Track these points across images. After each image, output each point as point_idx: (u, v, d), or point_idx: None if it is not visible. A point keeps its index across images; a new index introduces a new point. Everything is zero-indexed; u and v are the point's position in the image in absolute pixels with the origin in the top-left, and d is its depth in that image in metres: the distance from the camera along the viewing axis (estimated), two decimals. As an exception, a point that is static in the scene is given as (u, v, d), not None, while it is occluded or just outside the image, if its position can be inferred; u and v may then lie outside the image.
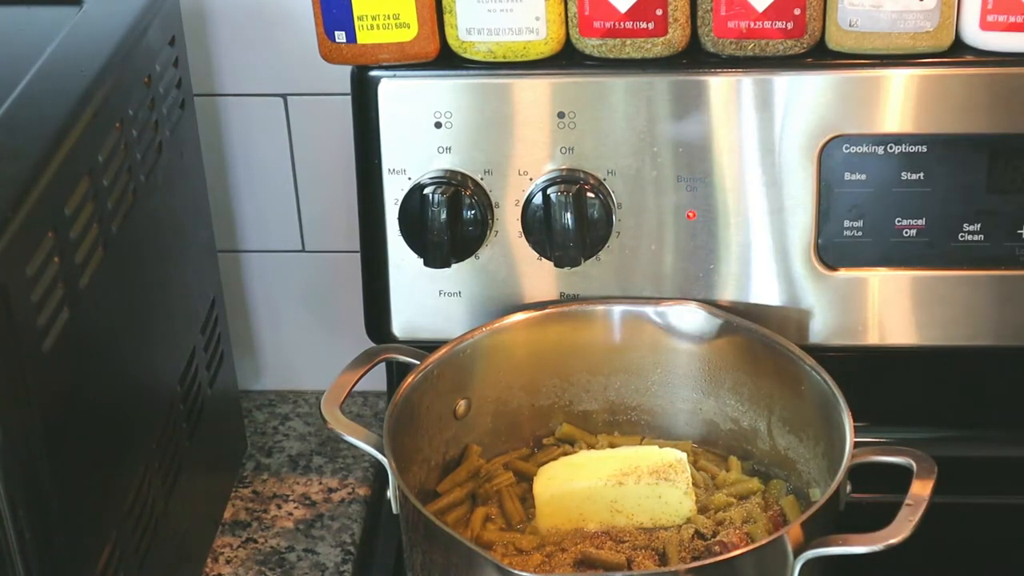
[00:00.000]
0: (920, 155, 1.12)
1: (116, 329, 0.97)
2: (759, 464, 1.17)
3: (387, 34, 1.12)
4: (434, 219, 1.13)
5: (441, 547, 0.99)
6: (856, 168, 1.13)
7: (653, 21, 1.10)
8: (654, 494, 1.08)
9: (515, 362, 1.18)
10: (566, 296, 1.19)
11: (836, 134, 1.12)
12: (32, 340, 0.82)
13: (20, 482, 0.81)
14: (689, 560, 1.04)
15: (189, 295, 1.16)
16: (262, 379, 1.40)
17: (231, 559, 1.18)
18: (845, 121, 1.12)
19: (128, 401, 1.01)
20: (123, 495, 0.98)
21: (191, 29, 1.21)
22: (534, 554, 1.07)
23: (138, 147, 1.01)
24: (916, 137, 1.12)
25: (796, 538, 0.96)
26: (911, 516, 0.96)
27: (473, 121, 1.14)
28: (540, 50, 1.12)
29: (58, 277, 0.85)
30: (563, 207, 1.12)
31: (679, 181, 1.15)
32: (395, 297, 1.20)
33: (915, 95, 1.11)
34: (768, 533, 1.06)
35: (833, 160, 1.13)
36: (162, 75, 1.08)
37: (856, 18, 1.09)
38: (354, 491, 1.26)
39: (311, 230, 1.32)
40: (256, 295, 1.36)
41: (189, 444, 1.13)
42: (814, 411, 1.10)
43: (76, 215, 0.88)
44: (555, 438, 1.21)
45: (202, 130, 1.21)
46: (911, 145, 1.12)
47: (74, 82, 0.93)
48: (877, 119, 1.12)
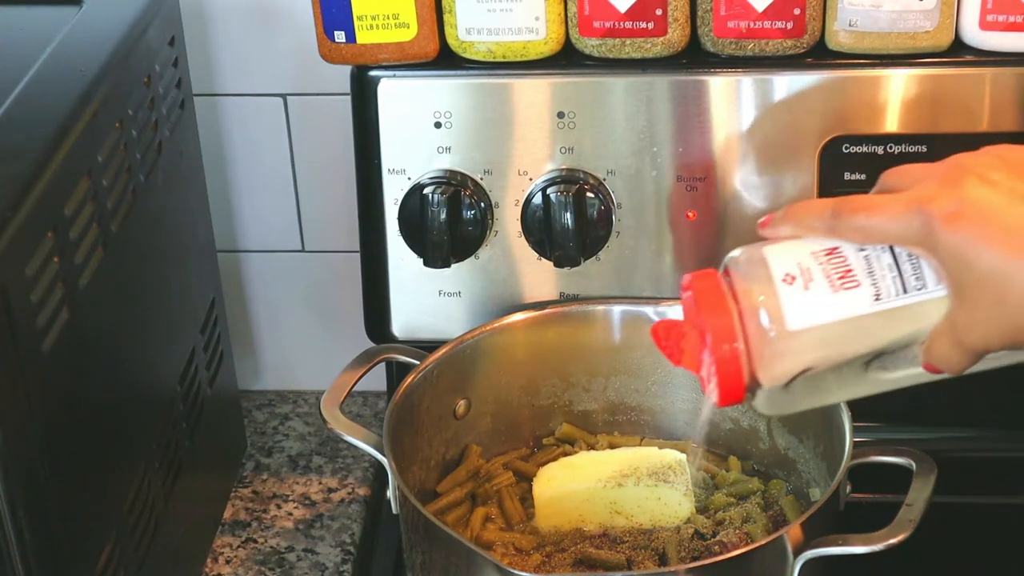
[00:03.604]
0: (920, 155, 1.12)
1: (116, 329, 0.97)
2: (759, 464, 1.17)
3: (387, 34, 1.12)
4: (434, 219, 1.13)
5: (441, 547, 0.99)
6: (856, 168, 1.13)
7: (653, 21, 1.10)
8: (653, 495, 1.08)
9: (515, 362, 1.18)
10: (566, 296, 1.19)
11: (836, 134, 1.12)
12: (32, 340, 0.82)
13: (20, 482, 0.81)
14: (689, 560, 1.04)
15: (189, 295, 1.16)
16: (262, 379, 1.40)
17: (231, 559, 1.18)
18: (845, 121, 1.12)
19: (128, 401, 1.01)
20: (123, 495, 0.98)
21: (191, 29, 1.21)
22: (534, 554, 1.07)
23: (138, 147, 1.01)
24: (916, 137, 1.12)
25: (796, 538, 0.96)
26: (911, 516, 0.96)
27: (473, 121, 1.14)
28: (540, 50, 1.12)
29: (58, 277, 0.85)
30: (563, 207, 1.12)
31: (679, 181, 1.15)
32: (395, 297, 1.20)
33: (915, 95, 1.11)
34: (768, 533, 1.06)
35: (833, 160, 1.13)
36: (162, 75, 1.08)
37: (856, 18, 1.09)
38: (354, 491, 1.26)
39: (311, 230, 1.32)
40: (256, 295, 1.36)
41: (189, 444, 1.13)
42: (814, 411, 1.09)
43: (76, 215, 0.88)
44: (555, 438, 1.21)
45: (202, 130, 1.21)
46: (911, 145, 1.12)
47: (74, 82, 0.93)
48: (877, 119, 1.12)
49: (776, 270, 0.81)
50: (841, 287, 0.80)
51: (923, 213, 0.76)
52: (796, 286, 0.80)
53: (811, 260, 0.81)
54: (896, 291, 0.79)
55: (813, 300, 0.80)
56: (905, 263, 0.79)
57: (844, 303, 0.80)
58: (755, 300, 0.80)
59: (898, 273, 0.79)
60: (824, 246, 0.81)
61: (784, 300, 0.80)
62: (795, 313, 0.80)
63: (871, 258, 0.80)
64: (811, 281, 0.80)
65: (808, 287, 0.80)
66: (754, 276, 0.81)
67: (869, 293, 0.79)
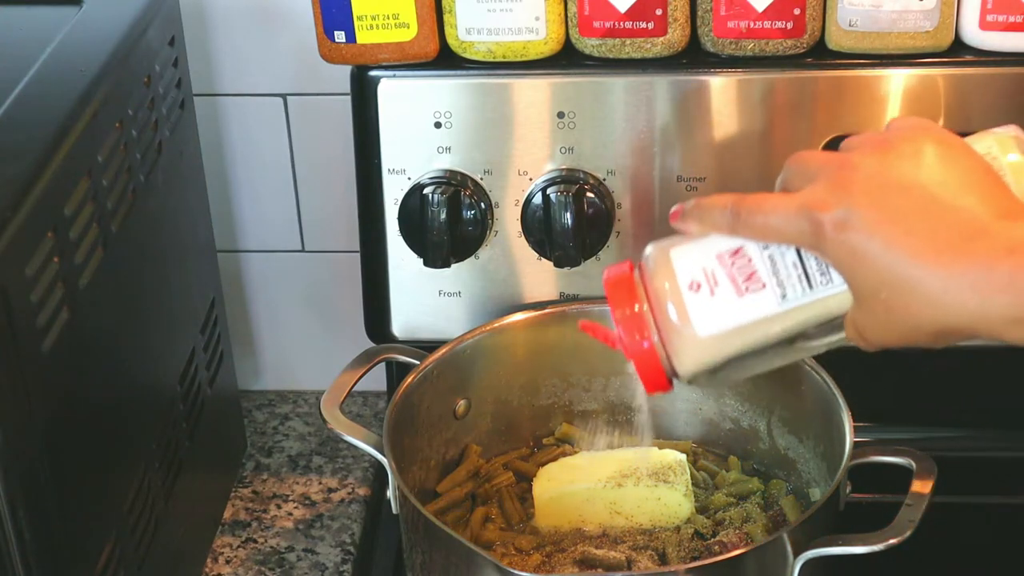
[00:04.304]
0: (920, 155, 1.12)
1: (116, 329, 0.97)
2: (759, 464, 1.17)
3: (387, 34, 1.12)
4: (434, 219, 1.13)
5: (441, 547, 0.99)
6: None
7: (653, 21, 1.10)
8: (653, 496, 1.08)
9: (515, 362, 1.18)
10: (566, 296, 1.19)
11: (836, 134, 1.12)
12: (32, 340, 0.82)
13: (20, 482, 0.81)
14: (689, 560, 1.04)
15: (189, 295, 1.16)
16: (262, 379, 1.40)
17: (231, 559, 1.18)
18: (845, 121, 1.12)
19: (128, 401, 1.01)
20: (123, 495, 0.98)
21: (191, 29, 1.21)
22: (534, 554, 1.07)
23: (138, 147, 1.01)
24: (916, 137, 1.12)
25: (796, 538, 0.96)
26: (911, 516, 0.96)
27: (473, 121, 1.14)
28: (540, 50, 1.12)
29: (58, 277, 0.85)
30: (563, 207, 1.12)
31: (679, 181, 1.15)
32: (395, 297, 1.20)
33: (915, 95, 1.11)
34: (768, 533, 1.06)
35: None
36: (162, 75, 1.08)
37: (856, 18, 1.09)
38: (354, 491, 1.26)
39: (311, 230, 1.32)
40: (256, 295, 1.36)
41: (189, 444, 1.13)
42: (814, 411, 1.10)
43: (76, 215, 0.88)
44: (555, 438, 1.21)
45: (202, 130, 1.21)
46: (911, 145, 1.12)
47: (74, 82, 0.93)
48: (877, 119, 1.12)
49: (682, 277, 0.81)
50: (747, 290, 0.80)
51: (813, 221, 0.76)
52: (703, 293, 0.80)
53: (716, 263, 0.81)
54: (802, 289, 0.79)
55: (720, 306, 0.80)
56: (810, 259, 0.79)
57: (751, 306, 0.80)
58: (664, 305, 0.81)
59: (803, 271, 0.79)
60: (730, 246, 0.81)
61: (691, 308, 0.81)
62: (703, 320, 0.80)
63: (775, 257, 0.80)
64: (716, 286, 0.80)
65: (714, 293, 0.80)
66: (663, 280, 0.81)
67: (776, 294, 0.80)
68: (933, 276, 0.73)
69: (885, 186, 0.75)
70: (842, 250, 0.76)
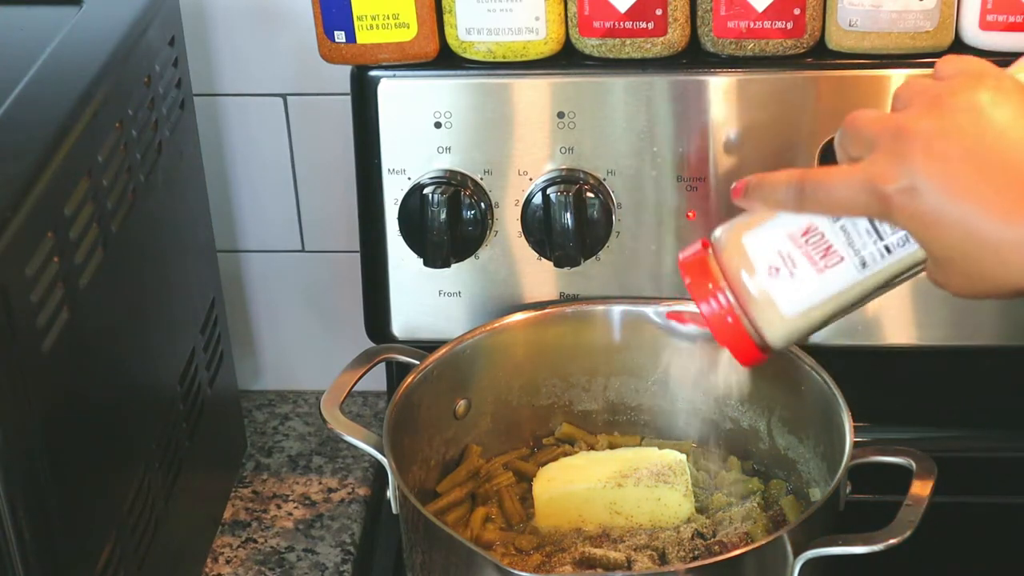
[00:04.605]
0: (920, 155, 1.12)
1: (116, 329, 0.97)
2: (759, 464, 1.17)
3: (387, 34, 1.12)
4: (434, 219, 1.13)
5: (441, 547, 0.99)
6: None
7: (653, 21, 1.10)
8: (653, 496, 1.08)
9: (515, 362, 1.18)
10: (566, 296, 1.19)
11: (836, 134, 1.12)
12: (32, 340, 0.82)
13: (20, 482, 0.81)
14: (689, 560, 1.04)
15: (189, 295, 1.16)
16: (262, 379, 1.40)
17: (231, 559, 1.18)
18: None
19: (128, 401, 1.01)
20: (123, 495, 0.98)
21: (191, 29, 1.21)
22: (534, 554, 1.07)
23: (138, 147, 1.01)
24: (916, 137, 1.12)
25: (796, 538, 0.96)
26: (911, 516, 0.96)
27: (473, 121, 1.14)
28: (540, 50, 1.12)
29: (58, 277, 0.85)
30: (563, 207, 1.12)
31: (679, 181, 1.15)
32: (395, 297, 1.20)
33: (915, 95, 1.11)
34: (768, 533, 1.06)
35: (833, 160, 1.12)
36: (162, 75, 1.08)
37: (856, 18, 1.09)
38: (354, 491, 1.26)
39: (311, 230, 1.32)
40: (256, 295, 1.36)
41: (189, 444, 1.13)
42: (814, 411, 1.10)
43: (76, 215, 0.88)
44: (555, 438, 1.21)
45: (202, 130, 1.21)
46: (911, 145, 1.12)
47: (74, 82, 0.93)
48: (877, 119, 1.12)
49: (759, 263, 0.81)
50: (826, 266, 0.80)
51: (879, 194, 0.76)
52: (782, 276, 0.81)
53: (790, 244, 0.81)
54: (880, 254, 0.80)
55: (802, 286, 0.81)
56: (884, 224, 0.79)
57: (833, 279, 0.80)
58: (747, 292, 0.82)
59: (878, 236, 0.80)
60: (800, 223, 0.81)
61: (774, 292, 0.81)
62: (788, 302, 0.81)
63: (848, 228, 0.80)
64: (795, 267, 0.81)
65: (794, 274, 0.81)
66: (739, 267, 0.82)
67: (855, 263, 0.80)
68: (1006, 236, 0.73)
69: (946, 150, 0.74)
70: (912, 220, 0.75)
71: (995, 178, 0.73)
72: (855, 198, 0.77)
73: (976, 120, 0.75)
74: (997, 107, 0.75)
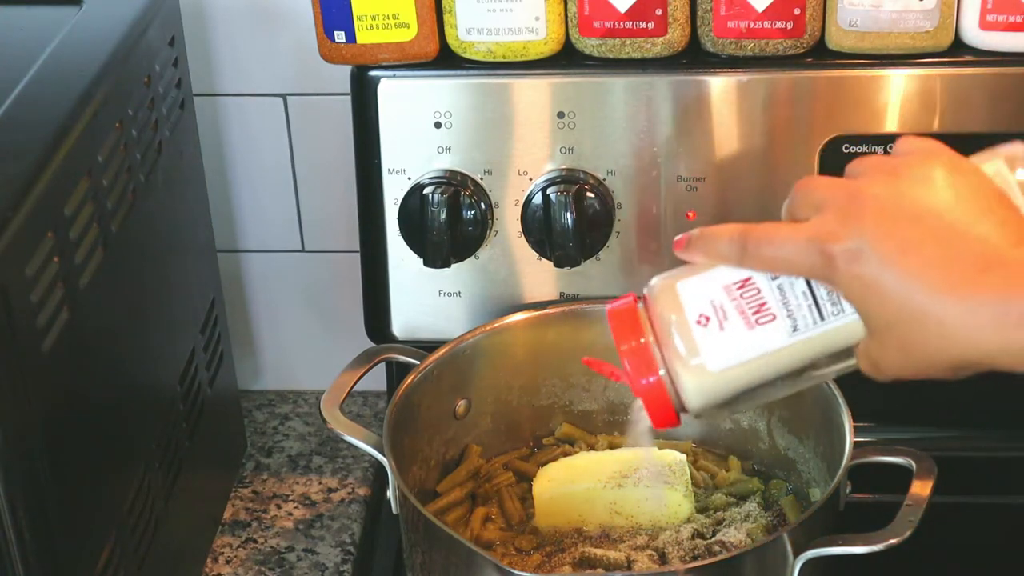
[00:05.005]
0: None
1: (116, 329, 0.97)
2: (759, 464, 1.17)
3: (387, 34, 1.12)
4: (434, 219, 1.13)
5: (441, 547, 0.99)
6: (856, 168, 1.13)
7: (653, 21, 1.10)
8: (653, 496, 1.08)
9: (515, 362, 1.18)
10: (566, 296, 1.19)
11: (836, 134, 1.12)
12: (32, 340, 0.82)
13: (20, 482, 0.81)
14: (689, 560, 1.04)
15: (189, 295, 1.16)
16: (262, 379, 1.40)
17: (231, 559, 1.18)
18: (845, 121, 1.12)
19: (128, 401, 1.01)
20: (123, 495, 0.98)
21: (191, 29, 1.21)
22: (534, 554, 1.07)
23: (138, 147, 1.01)
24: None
25: (796, 538, 0.96)
26: (911, 516, 0.96)
27: (473, 121, 1.14)
28: (540, 50, 1.12)
29: (58, 277, 0.85)
30: (563, 207, 1.12)
31: (679, 181, 1.15)
32: (395, 297, 1.20)
33: (915, 95, 1.11)
34: (768, 533, 1.06)
35: (833, 160, 1.13)
36: (162, 75, 1.08)
37: (856, 18, 1.09)
38: (354, 491, 1.26)
39: (311, 230, 1.32)
40: (256, 295, 1.36)
41: (189, 444, 1.13)
42: (814, 411, 1.10)
43: (76, 215, 0.88)
44: (555, 438, 1.21)
45: (202, 130, 1.21)
46: (911, 145, 1.12)
47: (74, 82, 0.93)
48: (877, 119, 1.12)
49: (690, 310, 0.79)
50: (757, 323, 0.78)
51: (824, 253, 0.74)
52: (711, 327, 0.79)
53: (724, 296, 0.79)
54: (813, 320, 0.78)
55: (730, 340, 0.78)
56: (820, 289, 0.77)
57: (761, 339, 0.78)
58: (672, 340, 0.79)
59: (813, 301, 0.78)
60: (737, 277, 0.79)
61: (700, 342, 0.79)
62: (713, 354, 0.79)
63: (784, 288, 0.78)
64: (726, 319, 0.78)
65: (723, 327, 0.78)
66: (669, 313, 0.80)
67: (786, 326, 0.78)
68: (949, 310, 0.71)
69: (896, 216, 0.73)
70: (854, 283, 0.74)
71: (943, 249, 0.72)
72: (799, 256, 0.76)
73: (929, 191, 0.74)
74: (950, 181, 0.74)
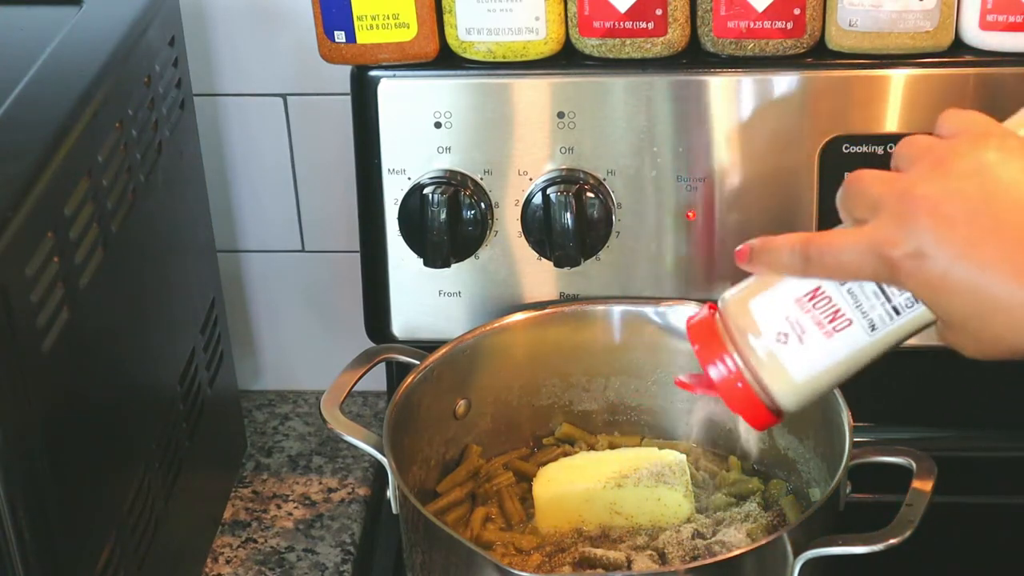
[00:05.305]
0: (920, 155, 1.12)
1: (116, 329, 0.97)
2: (759, 464, 1.17)
3: (387, 34, 1.12)
4: (434, 219, 1.13)
5: (441, 547, 0.99)
6: (856, 168, 1.12)
7: (653, 21, 1.10)
8: (653, 496, 1.08)
9: (515, 362, 1.18)
10: (566, 296, 1.19)
11: (836, 134, 1.12)
12: (32, 340, 0.82)
13: (20, 482, 0.81)
14: (689, 560, 1.04)
15: (189, 295, 1.16)
16: (262, 379, 1.40)
17: (231, 559, 1.18)
18: (845, 121, 1.12)
19: (128, 401, 1.01)
20: (123, 495, 0.98)
21: (191, 29, 1.21)
22: (534, 554, 1.07)
23: (138, 147, 1.01)
24: (916, 137, 1.12)
25: (796, 538, 0.96)
26: (911, 516, 0.96)
27: (473, 121, 1.14)
28: (540, 50, 1.12)
29: (58, 277, 0.85)
30: (563, 207, 1.12)
31: (679, 181, 1.15)
32: (395, 297, 1.20)
33: (915, 95, 1.11)
34: (768, 533, 1.06)
35: (833, 160, 1.13)
36: (162, 75, 1.08)
37: (856, 18, 1.09)
38: (354, 491, 1.26)
39: (311, 230, 1.32)
40: (256, 295, 1.36)
41: (189, 444, 1.13)
42: (814, 411, 1.09)
43: (76, 215, 0.88)
44: (555, 438, 1.21)
45: (202, 130, 1.21)
46: (911, 145, 1.12)
47: (74, 82, 0.93)
48: (877, 119, 1.12)
49: (767, 330, 0.81)
50: (834, 330, 0.79)
51: (885, 258, 0.75)
52: (791, 342, 0.80)
53: (797, 310, 0.80)
54: (889, 316, 0.79)
55: (811, 352, 0.80)
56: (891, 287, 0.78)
57: (842, 344, 0.80)
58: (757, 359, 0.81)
59: (886, 299, 0.79)
60: (807, 288, 0.80)
61: (783, 359, 0.80)
62: (798, 367, 0.80)
63: (855, 291, 0.79)
64: (804, 333, 0.80)
65: (803, 340, 0.80)
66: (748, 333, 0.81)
67: (864, 326, 0.79)
68: (1016, 299, 0.71)
69: (952, 213, 0.73)
70: (920, 284, 0.74)
71: (1003, 240, 0.72)
72: (861, 263, 0.76)
73: (982, 182, 0.74)
74: (1002, 168, 0.74)
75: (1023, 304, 0.72)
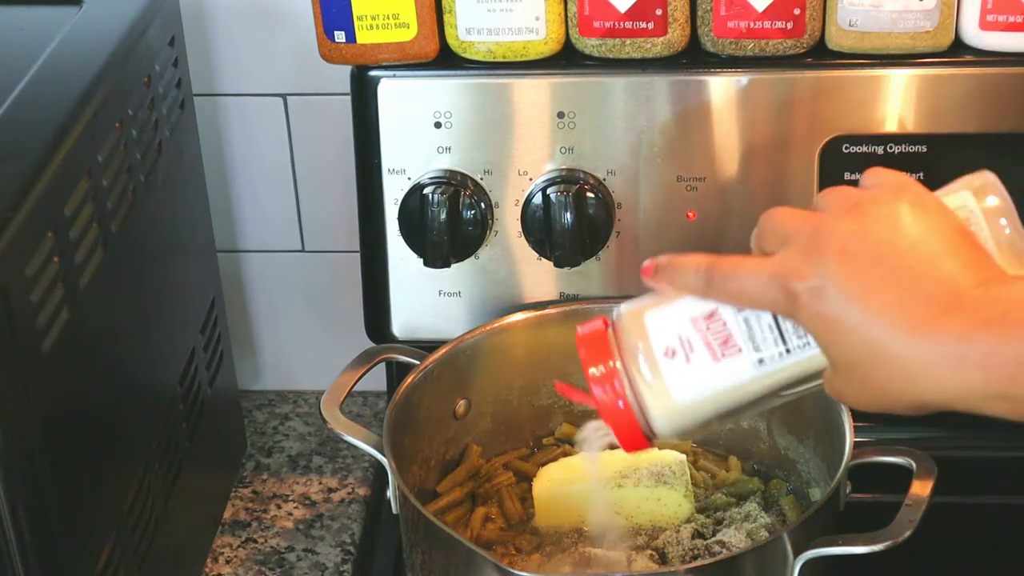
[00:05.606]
0: (920, 155, 1.12)
1: (116, 329, 0.97)
2: (759, 464, 1.17)
3: (387, 34, 1.12)
4: (434, 219, 1.13)
5: (441, 547, 0.99)
6: (856, 168, 1.13)
7: (653, 21, 1.10)
8: (653, 496, 1.08)
9: (515, 362, 1.18)
10: (566, 296, 1.19)
11: (836, 134, 1.12)
12: (32, 340, 0.82)
13: (20, 482, 0.81)
14: (689, 560, 1.04)
15: (189, 295, 1.16)
16: (262, 379, 1.40)
17: (231, 559, 1.18)
18: (845, 121, 1.12)
19: (128, 401, 1.01)
20: (123, 495, 0.98)
21: (191, 29, 1.21)
22: (534, 554, 1.07)
23: (138, 147, 1.01)
24: (916, 137, 1.12)
25: (796, 538, 0.96)
26: (911, 516, 0.96)
27: (473, 121, 1.14)
28: (540, 50, 1.12)
29: (58, 277, 0.85)
30: (563, 207, 1.12)
31: (679, 181, 1.15)
32: (395, 297, 1.20)
33: (915, 95, 1.11)
34: (768, 533, 1.06)
35: (833, 160, 1.13)
36: (162, 75, 1.08)
37: (856, 18, 1.09)
38: (354, 491, 1.26)
39: (311, 230, 1.32)
40: (256, 295, 1.36)
41: (189, 444, 1.13)
42: (814, 411, 1.10)
43: (76, 215, 0.88)
44: (555, 438, 1.21)
45: (202, 130, 1.21)
46: (911, 145, 1.12)
47: (74, 82, 0.93)
48: (877, 119, 1.12)
49: (656, 342, 0.79)
50: (723, 356, 0.78)
51: (787, 290, 0.74)
52: (678, 359, 0.79)
53: (691, 328, 0.79)
54: (779, 352, 0.78)
55: (696, 372, 0.79)
56: (786, 322, 0.77)
57: (728, 371, 0.78)
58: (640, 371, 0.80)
59: (779, 335, 0.78)
60: (704, 309, 0.79)
61: (667, 375, 0.79)
62: (679, 387, 0.79)
63: (751, 320, 0.78)
64: (692, 352, 0.78)
65: (690, 359, 0.79)
66: (637, 344, 0.80)
67: (752, 358, 0.78)
68: (910, 350, 0.71)
69: (859, 256, 0.73)
70: (817, 321, 0.74)
71: (902, 287, 0.72)
72: (763, 291, 0.76)
73: (892, 228, 0.74)
74: (914, 219, 0.74)
75: (911, 353, 0.71)
